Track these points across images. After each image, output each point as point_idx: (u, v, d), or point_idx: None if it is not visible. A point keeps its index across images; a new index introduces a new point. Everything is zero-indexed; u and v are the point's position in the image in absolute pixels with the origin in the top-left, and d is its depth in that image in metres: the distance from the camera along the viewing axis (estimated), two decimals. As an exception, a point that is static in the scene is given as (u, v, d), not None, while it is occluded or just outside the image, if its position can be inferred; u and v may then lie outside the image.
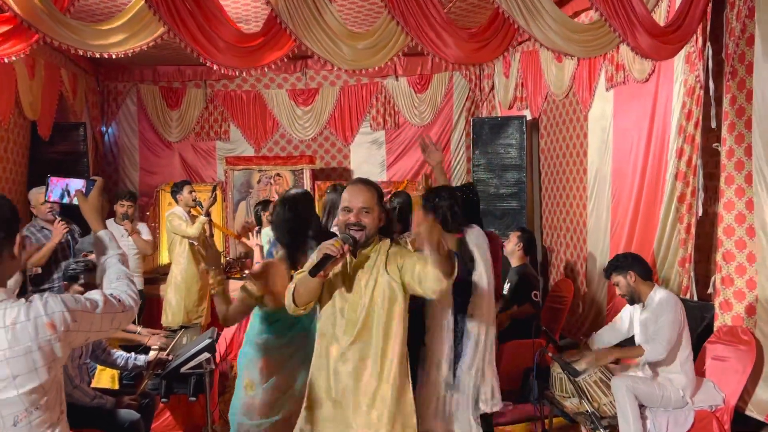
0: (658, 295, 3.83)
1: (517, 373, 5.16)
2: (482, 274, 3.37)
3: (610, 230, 5.80)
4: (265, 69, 7.90)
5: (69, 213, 5.07)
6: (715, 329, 4.25)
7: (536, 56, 6.84)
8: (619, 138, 5.67)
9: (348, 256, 2.50)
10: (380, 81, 8.28)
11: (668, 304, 3.74)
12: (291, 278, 2.98)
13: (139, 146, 8.10)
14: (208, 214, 5.93)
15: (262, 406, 3.06)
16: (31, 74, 5.81)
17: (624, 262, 3.90)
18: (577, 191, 6.45)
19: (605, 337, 4.11)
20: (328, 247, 2.38)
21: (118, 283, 1.98)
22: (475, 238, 3.44)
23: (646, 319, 3.83)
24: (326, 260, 2.38)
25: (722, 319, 4.25)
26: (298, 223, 3.11)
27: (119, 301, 1.90)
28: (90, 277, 3.62)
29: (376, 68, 7.96)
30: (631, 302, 3.97)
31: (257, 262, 5.19)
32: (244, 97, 8.21)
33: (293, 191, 3.33)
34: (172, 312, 5.90)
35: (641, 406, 3.66)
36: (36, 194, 4.98)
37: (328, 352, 2.56)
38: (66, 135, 6.51)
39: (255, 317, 3.18)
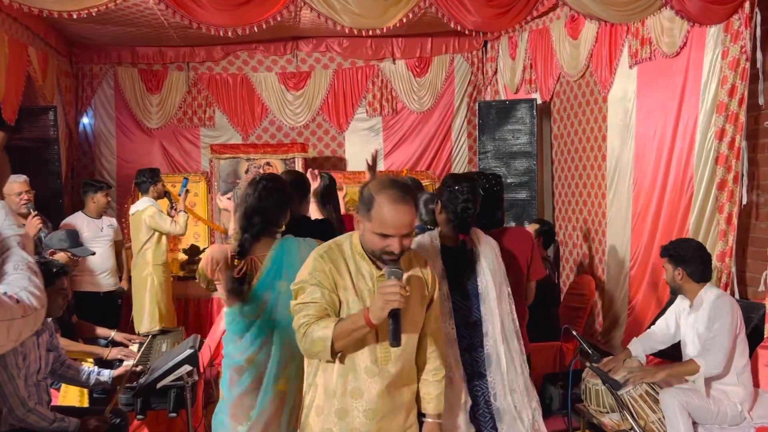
0: (709, 294, 3.34)
1: (535, 379, 4.65)
2: (489, 284, 2.79)
3: (631, 221, 5.31)
4: (255, 54, 7.49)
5: (38, 206, 4.57)
6: (766, 332, 3.75)
7: (547, 35, 6.33)
8: (643, 120, 5.17)
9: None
10: (376, 64, 7.74)
11: (723, 306, 3.25)
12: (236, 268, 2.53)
13: (117, 133, 7.47)
14: (184, 210, 5.50)
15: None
16: (-8, 50, 5.21)
17: (681, 254, 3.40)
18: (595, 179, 5.94)
19: (648, 342, 3.60)
20: (397, 299, 1.84)
21: (16, 275, 1.41)
22: (483, 239, 2.91)
23: (696, 322, 3.34)
24: (399, 319, 1.90)
25: (775, 321, 3.76)
26: (262, 206, 2.62)
27: (17, 301, 1.36)
28: (61, 283, 3.10)
29: (371, 50, 7.59)
30: (674, 293, 3.51)
31: None
32: (230, 81, 7.62)
33: (269, 174, 2.82)
34: (150, 317, 5.33)
35: (694, 424, 3.17)
36: (10, 183, 4.46)
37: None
38: (34, 120, 5.92)
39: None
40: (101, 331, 4.31)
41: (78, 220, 5.18)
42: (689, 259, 3.39)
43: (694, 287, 3.39)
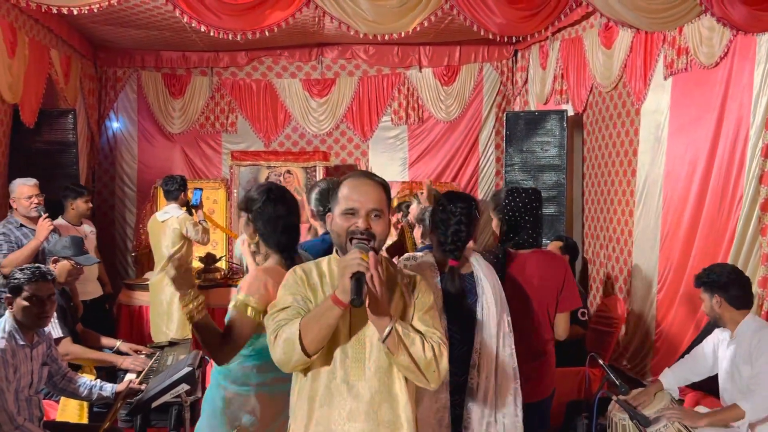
0: (751, 325, 3.08)
1: (558, 406, 4.40)
2: (491, 312, 2.50)
3: (660, 241, 5.03)
4: (280, 60, 7.36)
5: (53, 210, 4.49)
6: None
7: (579, 44, 6.08)
8: (675, 135, 4.89)
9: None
10: (403, 72, 7.55)
11: (767, 339, 2.97)
12: None
13: (138, 137, 7.40)
14: (204, 220, 5.61)
15: None
16: (11, 52, 5.15)
17: (717, 280, 3.15)
18: (623, 196, 5.67)
19: (682, 374, 3.34)
20: (355, 263, 1.69)
21: None
22: (483, 263, 2.63)
23: (735, 356, 3.07)
24: (361, 281, 1.69)
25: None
26: (291, 219, 2.45)
27: None
28: (38, 289, 2.93)
29: (398, 58, 7.42)
30: (714, 325, 3.26)
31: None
32: (254, 87, 7.50)
33: (270, 183, 2.65)
34: (183, 324, 5.23)
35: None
36: (20, 186, 4.46)
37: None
38: (53, 123, 5.85)
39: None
40: (106, 341, 4.20)
41: (61, 225, 4.93)
42: (726, 285, 3.14)
43: (735, 315, 3.13)
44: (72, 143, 5.88)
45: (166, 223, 5.37)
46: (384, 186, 1.95)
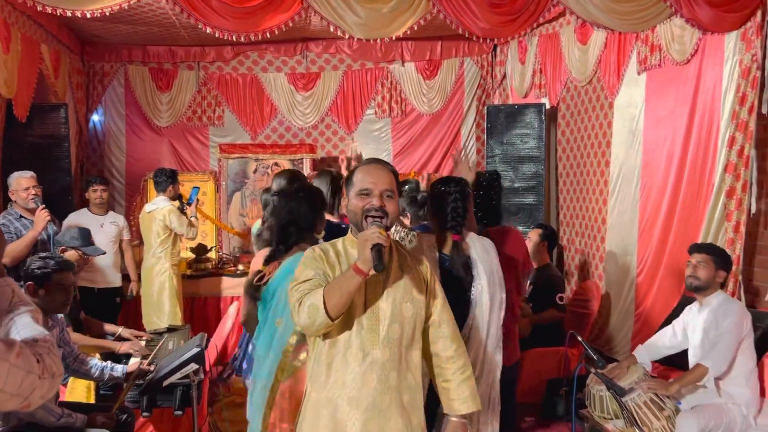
0: (719, 297, 3.37)
1: (539, 385, 4.67)
2: (483, 289, 2.76)
3: (638, 228, 5.30)
4: (265, 55, 7.51)
5: (47, 203, 4.61)
6: (773, 341, 3.75)
7: (556, 40, 6.34)
8: (651, 127, 5.16)
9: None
10: (386, 66, 7.75)
11: (730, 307, 3.28)
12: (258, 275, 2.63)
13: (126, 131, 7.51)
14: (195, 216, 5.81)
15: None
16: (6, 48, 5.25)
17: (725, 260, 3.46)
18: (597, 185, 5.95)
19: (654, 349, 3.61)
20: (375, 236, 1.89)
21: (37, 345, 1.37)
22: (479, 243, 2.88)
23: (706, 322, 3.35)
24: (381, 251, 1.89)
25: (780, 330, 3.76)
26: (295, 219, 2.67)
27: (40, 359, 1.33)
28: (64, 278, 3.10)
29: (381, 52, 7.61)
30: (692, 289, 3.49)
31: None
32: (240, 81, 7.65)
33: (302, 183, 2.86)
34: (171, 315, 5.45)
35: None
36: (18, 179, 4.59)
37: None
38: (45, 117, 5.95)
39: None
40: (109, 327, 4.35)
41: (81, 215, 5.31)
42: (728, 266, 3.46)
43: (716, 291, 3.43)
44: (64, 137, 5.99)
45: (152, 214, 5.53)
46: (394, 171, 2.15)
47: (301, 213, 2.66)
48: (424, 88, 7.75)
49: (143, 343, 4.16)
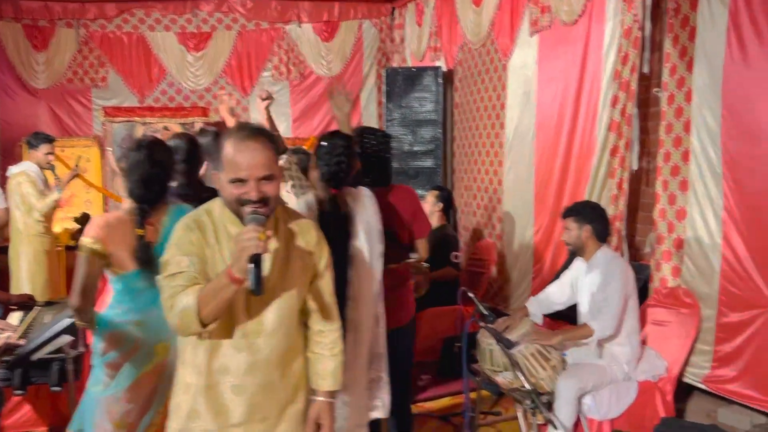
0: (604, 255, 3.45)
1: (436, 343, 4.73)
2: (362, 243, 2.69)
3: (534, 188, 5.42)
4: (152, 12, 7.08)
5: None
6: (651, 292, 3.94)
7: (451, 2, 6.32)
8: (544, 88, 5.24)
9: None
10: (282, 27, 7.50)
11: (615, 267, 3.37)
12: (137, 238, 2.41)
13: (-1, 93, 6.94)
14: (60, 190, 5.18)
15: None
16: None
17: (587, 213, 3.48)
18: (492, 147, 6.02)
19: (546, 303, 3.68)
20: (253, 244, 1.66)
21: None
22: (358, 197, 2.82)
23: (592, 283, 3.45)
24: (259, 264, 1.69)
25: (658, 280, 3.95)
26: (157, 172, 2.50)
27: None
28: None
29: (277, 12, 7.36)
30: (573, 254, 3.59)
31: None
32: (125, 40, 7.19)
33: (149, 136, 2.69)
34: (32, 288, 5.02)
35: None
36: None
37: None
38: None
39: None
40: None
41: None
42: (595, 218, 3.47)
43: (595, 246, 3.47)
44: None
45: (10, 178, 5.14)
46: (270, 141, 1.87)
47: (162, 169, 2.51)
48: (322, 51, 7.57)
49: (17, 315, 3.86)
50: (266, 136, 1.86)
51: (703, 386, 3.60)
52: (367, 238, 2.67)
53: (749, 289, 3.37)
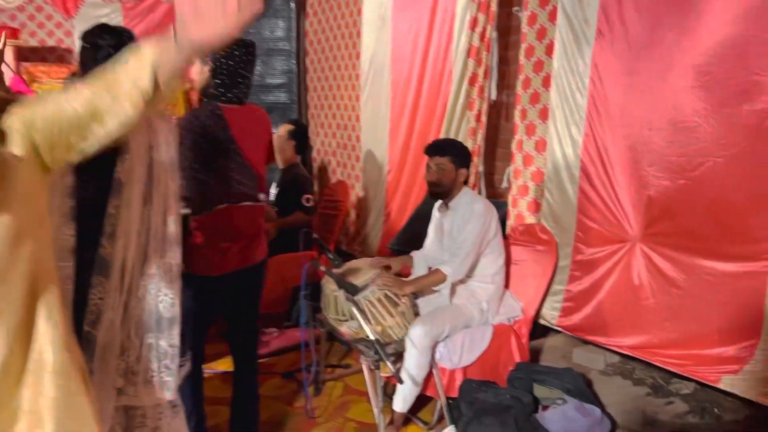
0: (468, 197, 3.15)
1: (284, 293, 4.29)
2: (131, 172, 1.90)
3: (390, 124, 5.03)
4: None
5: None
6: (508, 228, 3.69)
7: None
8: (398, 14, 4.81)
9: None
10: (111, -62, 6.50)
11: (477, 208, 3.09)
12: None
13: None
14: None
15: None
16: None
17: (465, 155, 3.19)
18: (349, 80, 5.54)
19: (430, 258, 3.37)
20: None
21: None
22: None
23: (452, 227, 3.16)
24: None
25: (514, 217, 3.71)
26: None
27: None
28: None
29: None
30: (435, 196, 3.27)
31: None
32: None
33: None
34: None
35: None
36: None
37: None
38: None
39: None
40: None
41: None
42: (469, 161, 3.21)
43: (460, 187, 3.19)
44: None
45: None
46: None
47: None
48: (159, -32, 6.66)
49: None
50: None
51: (557, 328, 3.43)
52: (143, 163, 1.96)
53: (607, 222, 3.17)
